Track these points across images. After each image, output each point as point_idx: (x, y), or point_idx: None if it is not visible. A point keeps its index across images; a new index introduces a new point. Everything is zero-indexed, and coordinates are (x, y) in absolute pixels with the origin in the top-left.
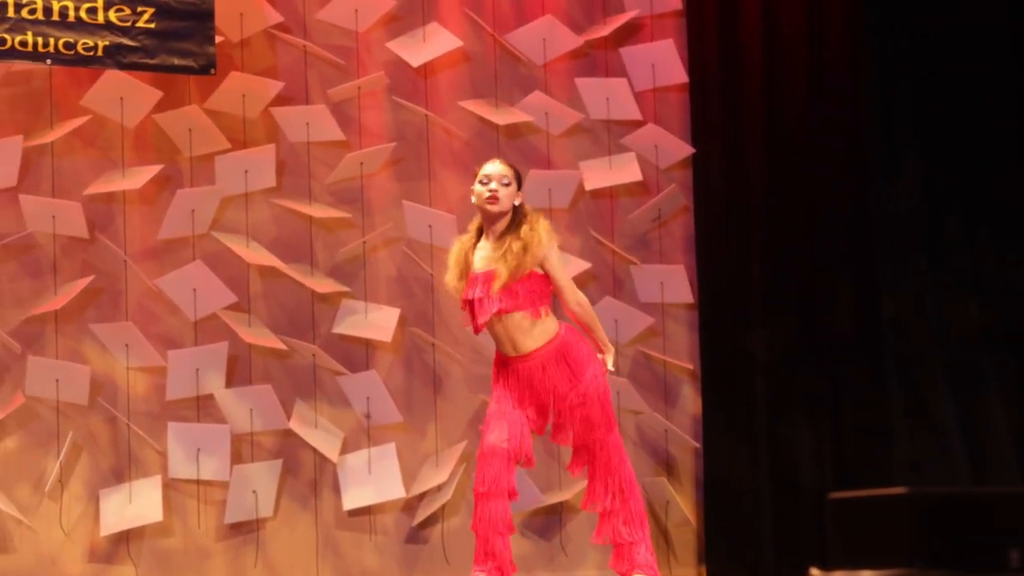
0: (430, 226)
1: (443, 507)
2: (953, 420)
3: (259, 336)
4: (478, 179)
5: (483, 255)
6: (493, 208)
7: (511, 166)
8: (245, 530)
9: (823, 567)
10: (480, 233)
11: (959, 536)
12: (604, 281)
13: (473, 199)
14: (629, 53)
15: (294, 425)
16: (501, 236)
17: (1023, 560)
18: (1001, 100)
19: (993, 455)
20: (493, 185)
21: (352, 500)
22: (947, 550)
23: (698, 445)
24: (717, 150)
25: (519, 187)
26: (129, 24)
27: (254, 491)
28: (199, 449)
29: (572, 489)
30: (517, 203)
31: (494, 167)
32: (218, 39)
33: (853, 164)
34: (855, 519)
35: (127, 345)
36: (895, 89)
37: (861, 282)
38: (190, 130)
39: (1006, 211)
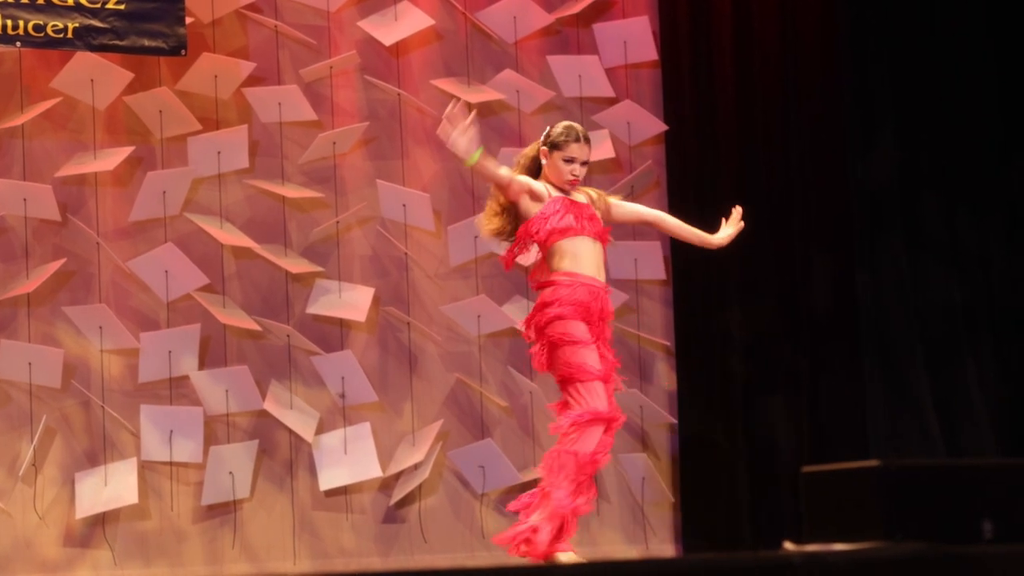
0: (404, 205)
1: (420, 486)
2: (929, 397)
3: (233, 317)
4: (563, 155)
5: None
6: (572, 190)
7: (590, 142)
8: (222, 512)
9: (797, 541)
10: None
11: (932, 508)
12: None
13: (543, 162)
14: (601, 30)
15: (269, 406)
16: None
17: (996, 531)
18: (978, 77)
19: (969, 431)
20: (578, 170)
21: (328, 480)
22: (921, 522)
23: (674, 421)
24: (690, 128)
25: None
26: (99, 6)
27: (230, 472)
28: (172, 431)
29: None
30: None
31: (581, 148)
32: (189, 20)
33: (829, 142)
34: (829, 492)
35: (100, 327)
36: (872, 67)
37: (838, 259)
38: (161, 112)
39: (983, 188)
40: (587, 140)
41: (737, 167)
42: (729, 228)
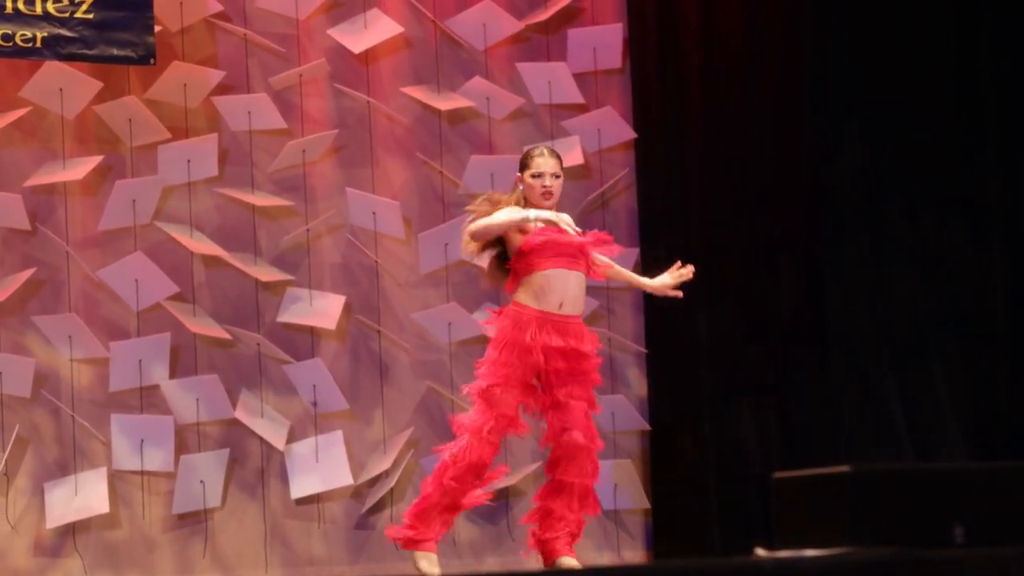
0: (374, 213)
1: (391, 493)
2: (898, 401)
3: (203, 326)
4: (530, 170)
5: None
6: (548, 204)
7: (558, 155)
8: (192, 521)
9: (769, 547)
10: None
11: (903, 513)
12: None
13: (520, 187)
14: (572, 36)
15: (240, 414)
16: None
17: (966, 536)
18: (942, 74)
19: (937, 433)
20: (547, 182)
21: (300, 488)
22: (891, 527)
23: (647, 426)
24: (658, 134)
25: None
26: (67, 15)
27: (201, 481)
28: (143, 440)
29: (518, 474)
30: None
31: (546, 161)
32: (157, 29)
33: (796, 147)
34: (800, 498)
35: (70, 337)
36: (836, 67)
37: (805, 263)
38: (130, 120)
39: (950, 190)
40: (553, 154)
41: (705, 173)
42: (666, 277)
